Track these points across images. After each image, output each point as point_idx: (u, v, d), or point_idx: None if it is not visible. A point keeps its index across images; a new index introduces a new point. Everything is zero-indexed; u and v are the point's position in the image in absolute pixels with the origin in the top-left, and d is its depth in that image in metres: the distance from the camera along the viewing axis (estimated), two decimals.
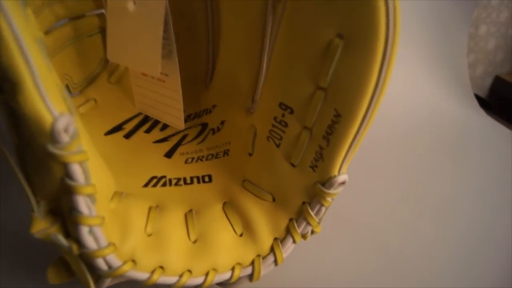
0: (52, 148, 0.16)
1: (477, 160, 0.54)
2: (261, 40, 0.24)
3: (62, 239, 0.20)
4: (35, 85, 0.15)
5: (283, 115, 0.22)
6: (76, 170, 0.18)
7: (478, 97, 0.75)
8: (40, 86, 0.15)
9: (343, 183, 0.22)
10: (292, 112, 0.21)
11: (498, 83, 0.99)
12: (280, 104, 0.22)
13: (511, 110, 0.85)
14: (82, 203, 0.19)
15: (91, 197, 0.19)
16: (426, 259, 0.35)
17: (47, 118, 0.16)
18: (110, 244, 0.20)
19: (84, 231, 0.19)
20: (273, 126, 0.23)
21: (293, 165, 0.23)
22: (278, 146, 0.23)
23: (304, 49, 0.20)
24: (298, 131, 0.22)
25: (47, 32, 0.26)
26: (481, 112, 0.70)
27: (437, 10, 0.70)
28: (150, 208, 0.24)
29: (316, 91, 0.20)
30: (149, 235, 0.23)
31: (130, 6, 0.24)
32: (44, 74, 0.16)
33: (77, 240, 0.20)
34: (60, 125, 0.16)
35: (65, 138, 0.16)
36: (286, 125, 0.22)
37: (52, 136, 0.16)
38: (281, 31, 0.21)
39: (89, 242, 0.19)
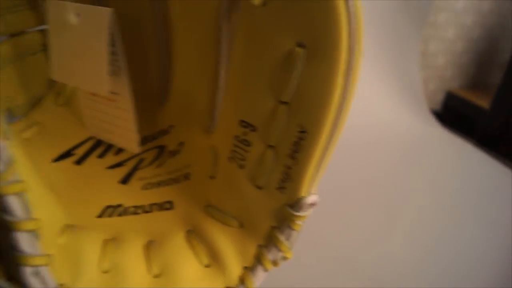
0: None
1: (439, 171, 0.55)
2: (216, 53, 0.22)
3: (2, 283, 0.17)
4: None
5: (244, 134, 0.20)
6: (13, 203, 0.15)
7: (432, 111, 0.77)
8: None
9: (313, 204, 0.20)
10: (254, 129, 0.20)
11: (450, 98, 1.03)
12: (241, 122, 0.20)
13: (463, 123, 0.87)
14: (23, 240, 0.16)
15: (34, 234, 0.17)
16: (397, 275, 0.35)
17: None
18: (60, 285, 0.18)
19: (27, 272, 0.17)
20: (235, 145, 0.21)
21: (258, 187, 0.21)
22: (241, 167, 0.21)
23: (263, 60, 0.18)
24: (262, 150, 0.20)
25: None
26: (437, 125, 0.72)
27: (388, 28, 0.72)
28: (105, 241, 0.22)
29: (279, 106, 0.18)
30: (105, 272, 0.20)
31: (73, 18, 0.22)
32: None
33: (20, 283, 0.17)
34: None
35: None
36: (248, 144, 0.20)
37: None
38: (238, 42, 0.20)
39: (35, 284, 0.17)
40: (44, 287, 0.17)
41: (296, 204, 0.20)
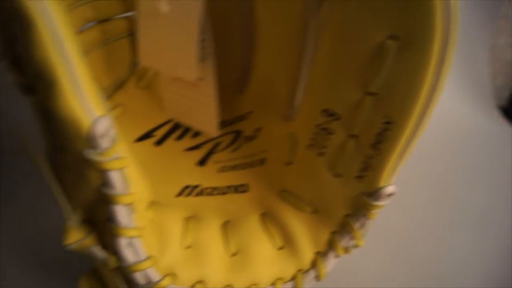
0: (89, 154, 0.15)
1: (504, 169, 0.52)
2: (302, 42, 0.22)
3: (98, 252, 0.19)
4: (73, 85, 0.14)
5: (326, 122, 0.21)
6: (116, 177, 0.17)
7: (498, 107, 0.74)
8: (79, 86, 0.14)
9: (391, 194, 0.21)
10: (337, 119, 0.20)
11: None
12: (324, 111, 0.21)
13: None
14: (121, 213, 0.18)
15: (131, 207, 0.18)
16: (462, 275, 0.34)
17: (85, 121, 0.15)
18: (150, 256, 0.19)
19: (123, 243, 0.18)
20: (315, 134, 0.22)
21: (337, 175, 0.21)
22: (320, 155, 0.22)
23: (352, 52, 0.18)
24: (343, 139, 0.20)
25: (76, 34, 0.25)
26: (504, 121, 0.69)
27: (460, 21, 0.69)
28: (186, 219, 0.23)
29: (365, 96, 0.18)
30: (187, 247, 0.21)
31: (164, 6, 0.23)
32: (83, 71, 0.15)
33: (115, 252, 0.18)
34: (99, 128, 0.15)
35: (104, 142, 0.15)
36: (330, 132, 0.21)
37: (90, 141, 0.15)
38: (326, 33, 0.20)
39: (128, 255, 0.18)
40: (136, 258, 0.19)
41: (374, 193, 0.20)
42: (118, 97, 0.29)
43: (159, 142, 0.29)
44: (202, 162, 0.28)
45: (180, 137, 0.29)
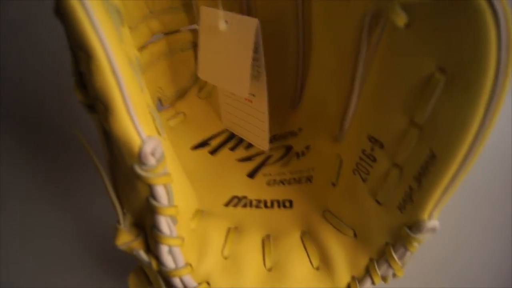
0: (138, 170, 0.17)
1: None
2: (353, 67, 0.22)
3: (143, 255, 0.20)
4: (125, 108, 0.16)
5: (372, 149, 0.21)
6: (160, 192, 0.18)
7: None
8: (131, 109, 0.16)
9: (433, 229, 0.20)
10: (381, 146, 0.20)
11: None
12: (370, 137, 0.20)
13: None
14: (164, 223, 0.19)
15: (173, 218, 0.19)
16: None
17: (135, 141, 0.16)
18: (187, 264, 0.21)
19: (164, 250, 0.20)
20: (361, 159, 0.22)
21: (378, 202, 0.21)
22: (364, 180, 0.22)
23: (400, 81, 0.18)
24: (387, 168, 0.20)
25: (143, 47, 0.27)
26: None
27: None
28: (229, 229, 0.24)
29: (410, 127, 0.18)
30: (226, 258, 0.22)
31: (222, 25, 0.24)
32: (135, 96, 0.16)
33: (157, 257, 0.20)
34: (148, 148, 0.16)
35: (151, 161, 0.17)
36: (374, 159, 0.21)
37: (140, 158, 0.17)
38: (376, 60, 0.20)
39: (168, 261, 0.20)
40: (175, 265, 0.20)
41: (415, 226, 0.20)
42: (180, 105, 0.31)
43: (214, 151, 0.30)
44: (252, 174, 0.29)
45: (233, 148, 0.30)
